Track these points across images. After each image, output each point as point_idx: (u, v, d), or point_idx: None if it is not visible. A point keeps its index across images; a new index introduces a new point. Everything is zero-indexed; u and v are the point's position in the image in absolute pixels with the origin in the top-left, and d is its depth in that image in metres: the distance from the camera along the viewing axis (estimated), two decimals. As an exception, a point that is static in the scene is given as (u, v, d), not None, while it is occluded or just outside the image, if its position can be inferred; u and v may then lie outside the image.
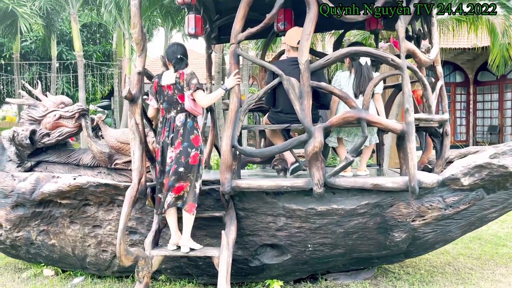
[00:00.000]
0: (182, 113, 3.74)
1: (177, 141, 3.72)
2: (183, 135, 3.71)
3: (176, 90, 3.71)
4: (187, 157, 3.68)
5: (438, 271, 4.73)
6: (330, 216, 3.80)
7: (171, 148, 3.75)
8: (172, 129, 3.75)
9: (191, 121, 3.75)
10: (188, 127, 3.73)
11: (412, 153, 3.47)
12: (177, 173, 3.66)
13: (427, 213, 3.80)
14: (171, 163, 3.72)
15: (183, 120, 3.73)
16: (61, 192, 4.26)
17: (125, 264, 3.40)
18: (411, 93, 3.47)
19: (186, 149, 3.69)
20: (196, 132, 3.76)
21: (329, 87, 3.54)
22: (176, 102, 3.74)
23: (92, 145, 5.09)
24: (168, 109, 3.79)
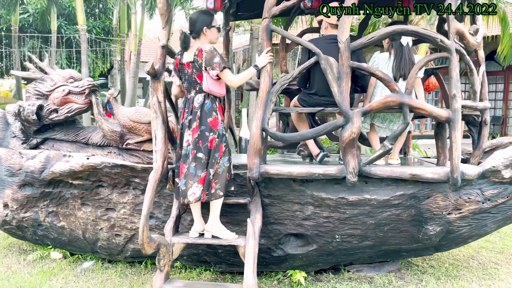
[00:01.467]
0: (201, 94, 3.48)
1: (195, 124, 3.46)
2: (201, 117, 3.45)
3: (194, 69, 3.45)
4: (205, 141, 3.43)
5: (462, 265, 4.56)
6: (361, 206, 3.59)
7: (188, 131, 3.51)
8: (191, 110, 3.51)
9: (210, 103, 3.47)
10: (205, 109, 3.46)
11: (457, 142, 3.24)
12: (197, 159, 3.41)
13: (465, 206, 3.60)
14: (188, 147, 3.49)
15: (201, 101, 3.48)
16: (73, 172, 4.01)
17: (148, 252, 3.17)
18: (459, 78, 3.23)
19: (204, 133, 3.44)
20: (214, 114, 3.48)
21: (371, 69, 3.28)
22: (195, 81, 3.49)
23: (103, 124, 4.83)
24: (189, 89, 3.55)
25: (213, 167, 3.42)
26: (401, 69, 3.55)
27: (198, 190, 3.39)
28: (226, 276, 4.20)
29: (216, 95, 3.48)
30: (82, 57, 9.11)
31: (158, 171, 3.28)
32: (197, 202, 3.44)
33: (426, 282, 4.10)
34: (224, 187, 3.46)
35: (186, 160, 3.46)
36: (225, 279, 4.16)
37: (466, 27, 3.49)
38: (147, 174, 3.90)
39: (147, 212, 3.09)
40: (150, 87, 3.55)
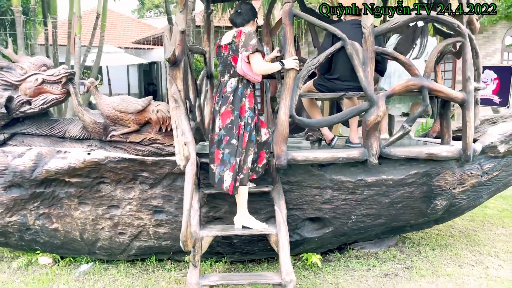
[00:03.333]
0: (234, 78, 3.36)
1: (225, 108, 3.34)
2: (233, 102, 3.33)
3: (231, 51, 3.33)
4: (238, 128, 3.33)
5: (446, 235, 4.94)
6: (378, 187, 3.73)
7: (218, 116, 3.39)
8: (222, 95, 3.38)
9: (242, 88, 3.35)
10: (238, 94, 3.35)
11: (471, 121, 3.47)
12: (230, 145, 3.31)
13: (467, 180, 3.89)
14: (220, 132, 3.37)
15: (234, 85, 3.35)
16: (72, 169, 3.67)
17: (189, 249, 3.04)
18: (472, 61, 3.44)
19: (237, 118, 3.33)
20: (244, 100, 3.36)
21: (394, 53, 3.38)
22: (229, 64, 3.36)
23: (84, 115, 4.45)
24: (222, 73, 3.42)
25: (240, 157, 3.33)
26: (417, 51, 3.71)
27: (229, 177, 3.30)
28: (238, 266, 4.16)
29: (250, 79, 3.35)
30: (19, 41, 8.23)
31: (194, 163, 3.12)
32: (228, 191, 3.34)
33: (425, 253, 4.40)
34: (245, 179, 3.37)
35: (219, 146, 3.35)
36: (237, 268, 4.12)
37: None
38: (157, 167, 3.72)
39: (189, 207, 2.94)
40: (169, 75, 3.33)
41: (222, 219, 3.81)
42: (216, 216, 3.81)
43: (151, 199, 3.83)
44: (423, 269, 4.01)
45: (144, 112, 4.38)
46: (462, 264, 4.11)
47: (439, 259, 4.24)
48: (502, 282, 3.73)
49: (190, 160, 3.11)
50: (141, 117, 4.39)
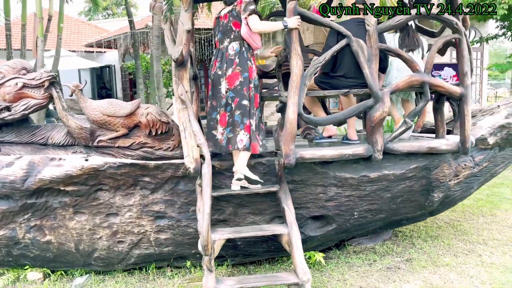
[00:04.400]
0: (236, 42, 3.44)
1: (233, 71, 3.41)
2: (240, 64, 3.41)
3: (231, 17, 3.44)
4: (248, 89, 3.40)
5: (434, 226, 5.12)
6: (380, 182, 3.79)
7: (223, 80, 3.44)
8: (225, 58, 3.44)
9: (246, 51, 3.45)
10: (244, 56, 3.44)
11: (469, 115, 3.61)
12: (242, 106, 3.38)
13: (461, 172, 4.04)
14: (228, 95, 3.42)
15: (237, 49, 3.44)
16: (69, 177, 3.47)
17: (209, 254, 2.94)
18: (469, 57, 3.58)
19: (248, 80, 3.41)
20: (250, 63, 3.47)
21: (398, 50, 3.46)
22: (230, 30, 3.45)
23: (69, 120, 4.26)
24: (222, 40, 3.50)
25: (253, 119, 3.44)
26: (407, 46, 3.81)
27: (246, 137, 3.37)
28: (240, 268, 4.09)
29: (252, 44, 3.46)
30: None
31: (210, 165, 3.03)
32: (245, 151, 3.40)
33: (419, 244, 4.53)
34: (264, 137, 3.55)
35: (227, 108, 3.41)
36: (240, 271, 4.05)
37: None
38: (159, 171, 3.60)
39: (209, 210, 2.85)
40: (175, 76, 3.22)
41: (227, 222, 3.73)
42: (221, 219, 3.73)
43: (152, 205, 3.69)
44: (422, 260, 4.12)
45: (133, 116, 4.24)
46: (457, 254, 4.26)
47: (434, 250, 4.37)
48: (498, 268, 3.91)
49: (206, 161, 3.02)
50: (130, 120, 4.25)
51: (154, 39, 7.85)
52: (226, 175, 3.59)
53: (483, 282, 3.65)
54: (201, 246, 2.90)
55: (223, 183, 3.57)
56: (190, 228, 3.76)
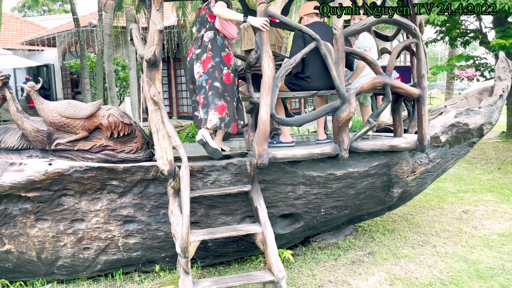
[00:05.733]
0: (210, 31, 3.69)
1: (206, 55, 3.64)
2: (213, 49, 3.67)
3: (208, 10, 3.67)
4: (220, 73, 3.61)
5: (389, 220, 5.39)
6: (345, 179, 3.94)
7: (197, 64, 3.66)
8: (200, 45, 3.68)
9: (221, 39, 3.71)
10: (218, 43, 3.68)
11: (426, 115, 3.84)
12: (213, 87, 3.58)
13: (418, 168, 4.29)
14: (200, 78, 3.64)
15: (211, 36, 3.67)
16: (31, 182, 3.31)
17: (190, 256, 2.91)
18: (426, 60, 3.81)
19: (219, 65, 3.62)
20: (227, 50, 3.73)
21: (362, 53, 3.60)
22: (206, 20, 3.69)
23: (24, 122, 4.06)
24: (199, 29, 3.74)
25: (236, 101, 3.75)
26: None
27: (215, 117, 3.56)
28: (210, 270, 4.09)
29: (226, 35, 3.70)
30: None
31: (187, 167, 3.00)
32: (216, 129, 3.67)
33: (378, 238, 4.75)
34: (243, 117, 3.84)
35: (201, 91, 3.62)
36: (210, 272, 4.05)
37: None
38: (128, 174, 3.52)
39: (189, 212, 2.82)
40: (146, 76, 3.17)
41: (198, 223, 3.72)
42: (192, 221, 3.71)
43: (120, 209, 3.60)
44: (383, 253, 4.33)
45: (94, 117, 4.12)
46: (414, 245, 4.52)
47: (393, 242, 4.61)
48: (452, 257, 4.19)
49: (184, 163, 2.99)
50: (90, 122, 4.12)
51: (105, 37, 7.60)
52: (198, 177, 3.57)
53: (441, 271, 3.91)
54: (180, 248, 2.88)
55: (195, 184, 3.55)
56: (160, 232, 3.71)
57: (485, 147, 9.70)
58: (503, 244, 4.49)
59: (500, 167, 8.16)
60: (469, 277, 3.76)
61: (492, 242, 4.55)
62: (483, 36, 9.72)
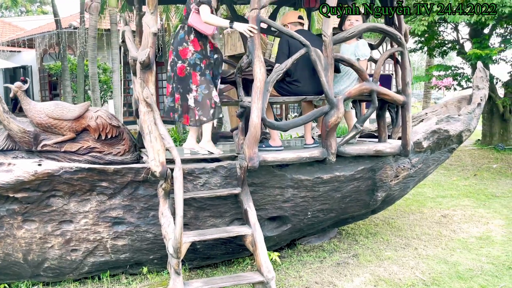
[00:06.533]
0: (184, 28, 3.85)
1: (172, 50, 3.89)
2: (173, 44, 3.87)
3: (188, 9, 3.80)
4: (174, 67, 3.83)
5: (371, 224, 5.51)
6: (332, 183, 4.03)
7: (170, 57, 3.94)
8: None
9: (183, 34, 3.82)
10: (178, 38, 3.84)
11: (410, 121, 3.98)
12: (171, 80, 3.90)
13: (401, 173, 4.42)
14: (170, 70, 3.91)
15: (182, 34, 3.83)
16: (20, 183, 3.28)
17: (181, 256, 2.94)
18: (410, 68, 3.95)
19: (174, 59, 3.84)
20: (185, 44, 3.81)
21: (351, 60, 3.71)
22: (185, 19, 3.85)
23: (10, 123, 4.04)
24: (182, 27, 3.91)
25: (190, 95, 3.82)
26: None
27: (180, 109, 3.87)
28: (198, 272, 4.11)
29: (199, 30, 3.79)
30: None
31: (181, 168, 3.03)
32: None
33: (362, 241, 4.86)
34: (208, 113, 3.83)
35: (169, 81, 3.92)
36: (198, 274, 4.07)
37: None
38: (118, 176, 3.53)
39: (182, 213, 2.85)
40: (140, 78, 3.19)
41: (188, 225, 3.74)
42: (181, 223, 3.73)
43: (109, 211, 3.60)
44: (367, 255, 4.43)
45: (82, 119, 4.13)
46: (396, 248, 4.65)
47: (376, 245, 4.72)
48: (433, 259, 4.33)
49: (177, 165, 3.03)
50: (78, 124, 4.13)
51: (90, 40, 7.55)
52: (188, 179, 3.60)
53: (423, 272, 4.03)
54: (172, 248, 2.90)
55: (185, 187, 3.58)
56: (149, 234, 3.72)
57: (461, 154, 9.99)
58: (481, 247, 4.66)
59: (476, 173, 8.43)
60: (449, 278, 3.89)
61: (470, 245, 4.71)
62: (460, 46, 10.04)
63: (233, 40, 13.59)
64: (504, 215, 5.80)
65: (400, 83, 4.27)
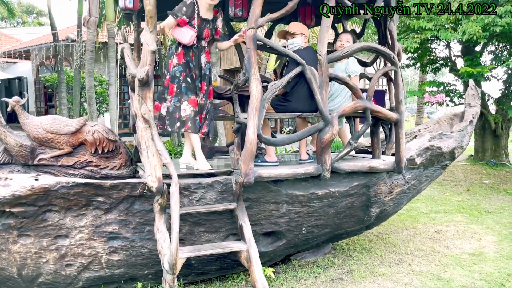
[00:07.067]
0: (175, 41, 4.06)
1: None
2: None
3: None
4: (166, 80, 4.05)
5: (365, 239, 5.54)
6: (327, 198, 4.08)
7: None
8: None
9: (174, 47, 4.05)
10: (170, 53, 4.15)
11: (403, 138, 4.04)
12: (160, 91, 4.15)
13: (395, 189, 4.47)
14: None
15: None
16: (17, 198, 3.29)
17: (177, 272, 2.95)
18: (404, 86, 4.03)
19: (166, 71, 4.08)
20: (172, 57, 4.01)
21: (345, 79, 3.79)
22: None
23: (7, 137, 4.05)
24: None
25: (164, 104, 4.02)
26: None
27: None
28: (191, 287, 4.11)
29: (178, 41, 3.95)
30: None
31: (177, 183, 3.06)
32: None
33: (356, 257, 4.88)
34: (174, 125, 3.93)
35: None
36: (192, 290, 4.08)
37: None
38: (114, 190, 3.55)
39: (178, 228, 2.87)
40: (138, 95, 3.24)
41: (183, 241, 3.75)
42: (176, 238, 3.74)
43: (105, 225, 3.61)
44: (361, 271, 4.45)
45: (79, 133, 4.16)
46: (390, 264, 4.67)
47: (370, 261, 4.75)
48: (427, 276, 4.36)
49: (174, 180, 3.06)
50: (75, 138, 4.15)
51: (87, 54, 7.61)
52: (184, 194, 3.63)
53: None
54: (168, 265, 2.92)
55: (181, 202, 3.58)
56: (145, 249, 3.73)
57: (454, 169, 10.08)
58: (473, 263, 4.70)
59: (469, 189, 8.51)
60: (443, 295, 3.92)
61: (463, 261, 4.75)
62: (452, 63, 10.20)
63: (229, 54, 13.72)
64: (496, 231, 5.86)
65: (393, 100, 4.36)
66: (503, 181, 9.02)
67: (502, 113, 9.85)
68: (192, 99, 3.93)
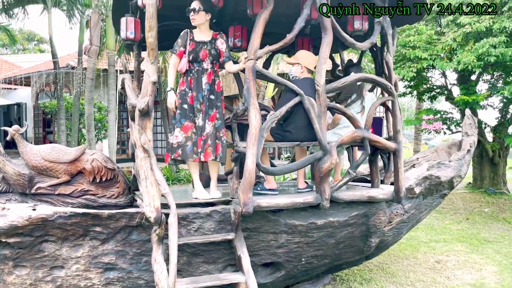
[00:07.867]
0: None
1: None
2: None
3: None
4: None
5: (365, 270, 5.47)
6: (326, 228, 4.05)
7: None
8: None
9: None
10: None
11: (402, 167, 4.05)
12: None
13: (394, 219, 4.45)
14: None
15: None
16: (14, 228, 3.26)
17: (174, 305, 2.90)
18: (401, 117, 4.06)
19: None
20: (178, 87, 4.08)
21: (343, 109, 3.82)
22: None
23: (6, 165, 4.06)
24: None
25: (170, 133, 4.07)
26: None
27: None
28: (189, 319, 4.02)
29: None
30: None
31: (176, 214, 3.04)
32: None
33: (357, 287, 4.81)
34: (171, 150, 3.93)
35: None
36: (189, 322, 3.98)
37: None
38: (112, 220, 3.52)
39: (176, 260, 2.84)
40: (138, 125, 3.25)
41: (180, 271, 3.69)
42: (174, 269, 3.69)
43: (102, 256, 3.56)
44: (361, 303, 4.38)
45: (78, 162, 4.17)
46: (391, 295, 4.60)
47: (370, 292, 4.68)
48: (428, 307, 4.29)
49: (172, 211, 3.04)
50: (73, 167, 4.16)
51: (88, 81, 7.68)
52: (182, 224, 3.60)
53: (418, 321, 3.98)
54: (166, 297, 2.87)
55: (179, 232, 3.55)
56: (141, 280, 3.67)
57: (453, 197, 10.05)
58: (475, 294, 4.63)
59: (468, 217, 8.46)
60: (445, 328, 3.84)
61: (465, 292, 4.69)
62: (449, 92, 10.31)
63: (228, 81, 13.86)
64: (497, 261, 5.80)
65: (391, 129, 4.39)
66: (502, 209, 8.99)
67: (499, 141, 9.90)
68: (185, 125, 3.92)
